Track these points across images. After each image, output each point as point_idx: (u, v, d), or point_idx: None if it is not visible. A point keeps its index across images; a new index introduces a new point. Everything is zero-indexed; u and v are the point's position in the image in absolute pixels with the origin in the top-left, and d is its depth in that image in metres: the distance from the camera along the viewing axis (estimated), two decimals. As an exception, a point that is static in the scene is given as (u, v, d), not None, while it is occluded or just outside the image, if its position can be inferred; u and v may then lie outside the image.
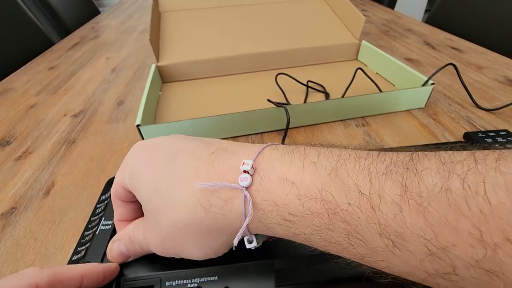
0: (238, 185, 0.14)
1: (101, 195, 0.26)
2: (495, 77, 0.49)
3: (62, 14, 0.99)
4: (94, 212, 0.24)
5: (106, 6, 1.89)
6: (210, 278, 0.18)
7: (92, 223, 0.23)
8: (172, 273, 0.18)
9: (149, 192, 0.16)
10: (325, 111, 0.38)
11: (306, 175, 0.14)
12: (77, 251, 0.21)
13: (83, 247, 0.21)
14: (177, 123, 0.34)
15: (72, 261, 0.20)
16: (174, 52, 0.51)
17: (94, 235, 0.21)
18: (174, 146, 0.17)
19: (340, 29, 0.58)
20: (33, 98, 0.50)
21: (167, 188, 0.16)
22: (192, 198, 0.15)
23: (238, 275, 0.16)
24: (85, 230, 0.22)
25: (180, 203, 0.15)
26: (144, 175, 0.17)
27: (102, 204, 0.24)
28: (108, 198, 0.24)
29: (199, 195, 0.15)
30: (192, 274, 0.18)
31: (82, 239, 0.22)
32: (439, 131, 0.37)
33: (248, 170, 0.15)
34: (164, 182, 0.16)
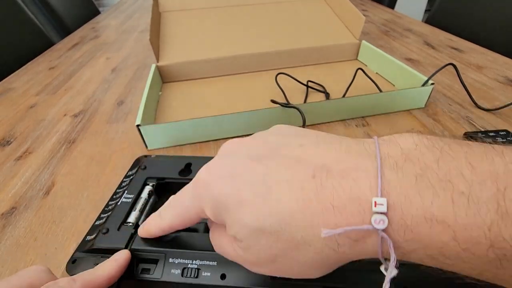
0: (371, 227, 0.12)
1: (128, 170, 0.28)
2: (495, 77, 0.49)
3: (62, 14, 0.99)
4: (120, 185, 0.26)
5: (106, 6, 1.89)
6: (209, 262, 0.19)
7: (117, 194, 0.25)
8: (176, 251, 0.19)
9: (253, 232, 0.14)
10: (325, 111, 0.38)
11: (461, 212, 0.11)
12: (100, 217, 0.23)
13: (105, 214, 0.23)
14: (177, 123, 0.34)
15: (94, 225, 0.22)
16: (174, 52, 0.51)
17: (116, 205, 0.23)
18: (258, 171, 0.15)
19: (340, 29, 0.58)
20: (33, 98, 0.50)
21: (277, 229, 0.14)
22: (315, 242, 0.13)
23: (236, 263, 0.16)
24: (110, 199, 0.25)
25: (302, 245, 0.13)
26: (239, 212, 0.14)
27: (127, 179, 0.26)
28: (134, 174, 0.26)
29: (324, 238, 0.13)
30: (194, 256, 0.19)
31: (106, 207, 0.24)
32: (439, 131, 0.37)
33: (384, 212, 0.12)
34: (270, 223, 0.14)
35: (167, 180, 0.25)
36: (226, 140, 0.39)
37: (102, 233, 0.21)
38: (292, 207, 0.13)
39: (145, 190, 0.24)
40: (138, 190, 0.24)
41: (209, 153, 0.35)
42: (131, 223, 0.22)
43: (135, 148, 0.37)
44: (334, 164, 0.14)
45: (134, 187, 0.24)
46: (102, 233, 0.21)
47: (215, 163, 0.16)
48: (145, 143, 0.36)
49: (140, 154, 0.36)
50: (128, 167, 0.34)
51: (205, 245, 0.19)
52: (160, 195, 0.25)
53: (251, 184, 0.14)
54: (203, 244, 0.20)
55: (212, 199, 0.15)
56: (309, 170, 0.14)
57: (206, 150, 0.36)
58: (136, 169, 0.26)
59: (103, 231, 0.21)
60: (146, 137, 0.35)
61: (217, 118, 0.35)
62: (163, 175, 0.25)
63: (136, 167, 0.27)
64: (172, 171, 0.26)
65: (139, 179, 0.25)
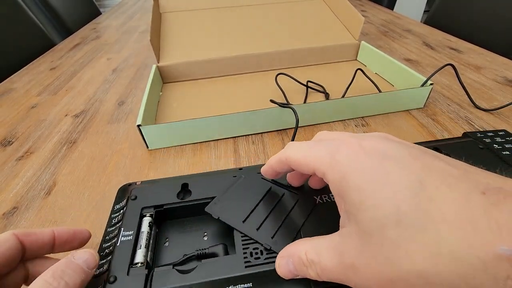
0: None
1: (114, 204, 0.24)
2: (493, 78, 0.49)
3: (63, 14, 1.00)
4: (110, 223, 0.23)
5: (107, 6, 1.89)
6: (244, 285, 0.17)
7: (110, 234, 0.22)
8: (203, 282, 0.18)
9: (385, 219, 0.13)
10: (324, 111, 0.39)
11: None
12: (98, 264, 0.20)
13: (104, 260, 0.20)
14: (178, 123, 0.35)
15: (95, 275, 0.19)
16: (175, 52, 0.52)
17: (116, 246, 0.20)
18: (416, 165, 0.13)
19: (339, 29, 0.58)
20: (34, 98, 0.50)
21: (419, 226, 0.12)
22: (473, 258, 0.11)
23: (273, 281, 0.16)
24: (103, 242, 0.21)
25: (445, 254, 0.11)
26: (375, 192, 0.13)
27: (118, 214, 0.23)
28: (124, 207, 0.23)
29: (490, 260, 0.11)
30: (225, 282, 0.18)
31: (101, 252, 0.21)
32: (438, 131, 0.37)
33: None
34: (413, 216, 0.12)
35: (165, 206, 0.23)
36: (226, 140, 0.39)
37: (110, 282, 0.18)
38: (443, 204, 0.12)
39: (145, 222, 0.22)
40: (137, 225, 0.21)
41: (209, 153, 0.35)
42: (141, 263, 0.19)
43: (135, 148, 0.37)
44: (504, 184, 0.12)
45: (130, 222, 0.21)
46: (109, 282, 0.18)
47: (371, 141, 0.15)
48: (146, 143, 0.36)
49: (140, 155, 0.36)
50: (128, 167, 0.34)
51: (232, 268, 0.18)
52: (160, 225, 0.23)
53: (404, 173, 0.13)
54: (229, 267, 0.18)
55: (350, 168, 0.14)
56: (476, 183, 0.12)
57: (206, 150, 0.36)
58: (126, 201, 0.23)
59: (110, 280, 0.18)
60: (147, 137, 0.35)
61: (217, 118, 0.35)
62: (160, 201, 0.23)
63: (124, 198, 0.24)
64: (168, 195, 0.23)
65: (133, 211, 0.22)
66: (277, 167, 0.20)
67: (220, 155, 0.35)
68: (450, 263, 0.11)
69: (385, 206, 0.13)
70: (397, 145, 0.15)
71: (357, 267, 0.14)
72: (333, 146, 0.16)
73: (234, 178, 0.24)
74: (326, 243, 0.16)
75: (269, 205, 0.22)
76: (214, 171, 0.27)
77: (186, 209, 0.23)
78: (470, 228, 0.11)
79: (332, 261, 0.15)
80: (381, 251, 0.13)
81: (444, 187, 0.12)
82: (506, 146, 0.28)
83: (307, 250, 0.16)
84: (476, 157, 0.27)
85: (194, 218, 0.24)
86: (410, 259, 0.12)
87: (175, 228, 0.23)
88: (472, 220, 0.11)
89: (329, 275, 0.15)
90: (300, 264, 0.16)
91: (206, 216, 0.24)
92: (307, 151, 0.17)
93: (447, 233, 0.11)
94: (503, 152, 0.27)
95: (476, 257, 0.11)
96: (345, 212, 0.15)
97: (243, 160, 0.34)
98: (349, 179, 0.14)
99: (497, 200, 0.11)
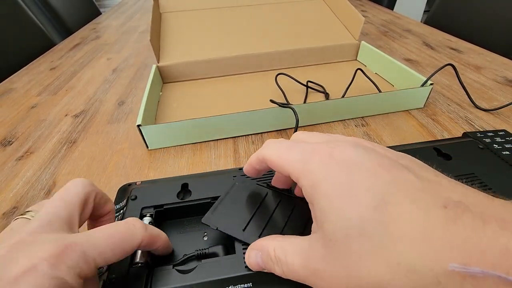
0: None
1: (114, 204, 0.24)
2: (493, 78, 0.49)
3: (63, 15, 1.00)
4: None
5: (107, 6, 1.90)
6: (244, 285, 0.17)
7: None
8: (204, 282, 0.18)
9: (348, 230, 0.13)
10: (324, 111, 0.39)
11: None
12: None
13: None
14: (178, 123, 0.35)
15: None
16: (175, 52, 0.52)
17: None
18: (382, 177, 0.14)
19: (339, 29, 0.58)
20: (34, 98, 0.50)
21: (379, 239, 0.12)
22: (428, 272, 0.11)
23: (273, 280, 0.16)
24: None
25: (403, 267, 0.12)
26: (342, 203, 0.13)
27: (118, 214, 0.23)
28: (124, 207, 0.23)
29: (443, 274, 0.11)
30: (225, 282, 0.18)
31: None
32: (438, 131, 0.37)
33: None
34: (374, 229, 0.13)
35: (165, 206, 0.23)
36: (226, 140, 0.39)
37: (110, 282, 0.18)
38: (403, 220, 0.12)
39: (145, 222, 0.22)
40: None
41: (209, 153, 0.36)
42: (141, 263, 0.19)
43: (135, 148, 0.37)
44: (469, 201, 0.12)
45: None
46: (109, 282, 0.18)
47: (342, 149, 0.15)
48: (146, 143, 0.36)
49: (140, 155, 0.36)
50: (129, 167, 0.34)
51: (232, 268, 0.18)
52: (160, 225, 0.23)
53: (366, 186, 0.14)
54: (230, 267, 0.18)
55: (319, 177, 0.15)
56: (437, 197, 0.13)
57: (206, 150, 0.36)
58: (126, 201, 0.24)
59: (110, 281, 0.18)
60: (147, 137, 0.35)
61: (217, 118, 0.35)
62: (160, 201, 0.23)
63: (124, 198, 0.24)
64: (168, 195, 0.23)
65: (133, 211, 0.22)
66: (256, 165, 0.20)
67: (220, 155, 0.35)
68: (406, 277, 0.12)
69: (350, 217, 0.13)
70: (368, 154, 0.15)
71: (321, 273, 0.14)
72: (306, 153, 0.16)
73: (227, 186, 0.23)
74: (295, 245, 0.16)
75: (267, 212, 0.21)
76: (214, 171, 0.27)
77: (186, 209, 0.23)
78: (426, 244, 0.12)
79: (297, 263, 0.15)
80: (343, 260, 0.13)
81: (406, 202, 0.13)
82: (506, 146, 0.28)
83: (275, 247, 0.16)
84: (476, 157, 0.27)
85: (194, 218, 0.24)
86: (369, 271, 0.13)
87: (175, 228, 0.23)
88: (429, 236, 0.12)
89: (294, 275, 0.15)
90: (268, 259, 0.17)
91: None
92: (283, 153, 0.17)
93: (404, 248, 0.12)
94: (503, 152, 0.27)
95: (431, 271, 0.11)
96: (315, 219, 0.15)
97: (243, 160, 0.34)
98: (319, 187, 0.15)
99: (454, 215, 0.12)
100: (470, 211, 0.12)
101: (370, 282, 0.13)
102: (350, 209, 0.13)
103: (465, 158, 0.27)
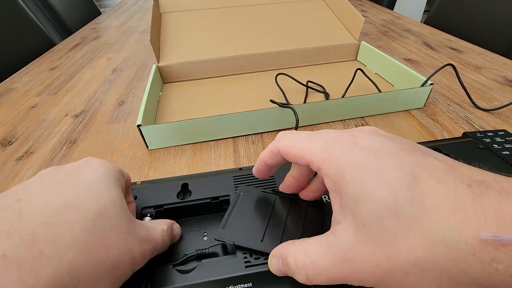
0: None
1: None
2: (493, 78, 0.49)
3: (63, 15, 1.00)
4: None
5: (107, 6, 1.90)
6: (244, 285, 0.17)
7: None
8: (203, 282, 0.18)
9: (383, 211, 0.13)
10: (324, 111, 0.39)
11: None
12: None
13: None
14: (178, 123, 0.35)
15: None
16: (175, 52, 0.52)
17: None
18: (408, 160, 0.14)
19: (339, 29, 0.58)
20: (34, 98, 0.50)
21: (415, 217, 0.13)
22: (463, 244, 0.12)
23: (274, 281, 0.16)
24: None
25: (439, 241, 0.12)
26: (373, 186, 0.14)
27: None
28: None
29: (477, 245, 0.12)
30: (225, 282, 0.18)
31: None
32: (438, 131, 0.37)
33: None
34: (409, 207, 0.13)
35: (165, 206, 0.23)
36: (226, 140, 0.39)
37: None
38: (435, 192, 0.13)
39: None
40: None
41: (209, 153, 0.36)
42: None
43: (135, 148, 0.37)
44: (493, 182, 0.13)
45: None
46: None
47: (363, 137, 0.16)
48: (146, 143, 0.36)
49: (140, 155, 0.36)
50: (129, 167, 0.34)
51: (232, 267, 0.18)
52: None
53: (396, 165, 0.14)
54: (229, 267, 0.18)
55: (345, 162, 0.15)
56: (462, 177, 0.13)
57: (206, 150, 0.36)
58: None
59: None
60: (147, 137, 0.35)
61: (217, 118, 0.35)
62: (160, 201, 0.23)
63: None
64: (168, 195, 0.23)
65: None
66: (268, 160, 0.19)
67: (220, 155, 0.35)
68: (443, 250, 0.12)
69: (383, 199, 0.13)
70: (389, 140, 0.15)
71: (354, 261, 0.14)
72: (328, 141, 0.16)
73: (232, 199, 0.23)
74: (318, 243, 0.16)
75: (281, 218, 0.21)
76: (214, 171, 0.27)
77: (186, 209, 0.23)
78: (460, 217, 0.12)
79: (326, 260, 0.15)
80: (379, 243, 0.13)
81: (434, 181, 0.13)
82: (506, 146, 0.28)
83: (295, 254, 0.16)
84: (476, 157, 0.27)
85: (194, 218, 0.24)
86: (408, 249, 0.13)
87: None
88: (461, 210, 0.12)
89: (321, 278, 0.15)
90: (287, 268, 0.16)
91: (206, 216, 0.24)
92: (302, 143, 0.17)
93: (440, 222, 0.12)
94: (503, 152, 0.27)
95: (465, 243, 0.12)
96: (340, 207, 0.15)
97: (243, 160, 0.34)
98: (346, 173, 0.14)
99: (480, 191, 0.12)
100: (494, 187, 0.12)
101: (409, 259, 0.13)
102: (382, 191, 0.13)
103: (465, 158, 0.27)
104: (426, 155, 0.14)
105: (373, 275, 0.14)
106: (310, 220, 0.20)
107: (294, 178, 0.21)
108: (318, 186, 0.21)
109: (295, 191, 0.22)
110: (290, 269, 0.16)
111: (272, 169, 0.20)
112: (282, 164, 0.20)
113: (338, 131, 0.17)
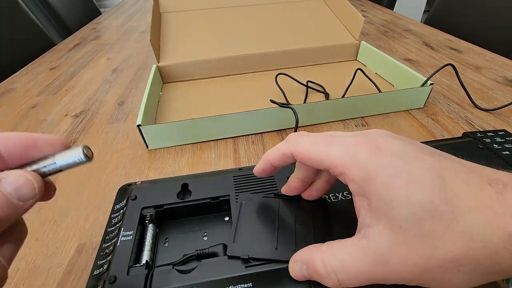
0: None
1: (114, 204, 0.24)
2: (493, 78, 0.49)
3: (63, 15, 1.00)
4: (110, 223, 0.22)
5: (107, 6, 1.90)
6: (244, 285, 0.17)
7: (110, 234, 0.21)
8: (204, 282, 0.18)
9: (420, 214, 0.13)
10: (324, 111, 0.39)
11: None
12: (98, 265, 0.20)
13: (104, 260, 0.20)
14: (178, 123, 0.35)
15: (95, 275, 0.19)
16: (175, 52, 0.52)
17: (115, 247, 0.20)
18: (432, 163, 0.15)
19: (339, 29, 0.58)
20: (34, 99, 0.50)
21: (451, 217, 0.13)
22: (496, 239, 0.13)
23: (272, 281, 0.16)
24: (102, 242, 0.21)
25: (475, 238, 0.13)
26: (407, 190, 0.14)
27: (118, 214, 0.23)
28: (124, 207, 0.23)
29: (507, 238, 0.13)
30: (226, 282, 0.17)
31: (101, 252, 0.20)
32: (438, 131, 0.37)
33: None
34: (445, 208, 0.13)
35: (165, 206, 0.23)
36: (226, 140, 0.39)
37: (109, 283, 0.18)
38: (465, 192, 0.14)
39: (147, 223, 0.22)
40: (136, 225, 0.21)
41: (209, 153, 0.35)
42: (142, 263, 0.19)
43: (135, 148, 0.37)
44: (509, 181, 0.14)
45: (130, 222, 0.21)
46: (109, 283, 0.18)
47: (384, 141, 0.16)
48: (146, 143, 0.36)
49: (140, 155, 0.36)
50: (129, 167, 0.34)
51: (232, 268, 0.18)
52: (160, 225, 0.23)
53: (424, 169, 0.14)
54: (229, 267, 0.18)
55: (376, 170, 0.15)
56: (479, 176, 0.14)
57: (206, 150, 0.36)
58: (126, 201, 0.23)
59: (110, 281, 0.18)
60: (147, 137, 0.35)
61: (217, 118, 0.35)
62: (160, 202, 0.23)
63: (124, 198, 0.24)
64: (168, 195, 0.23)
65: (133, 211, 0.22)
66: (277, 161, 0.19)
67: (220, 155, 0.35)
68: (479, 246, 0.13)
69: (419, 201, 0.14)
70: (407, 144, 0.16)
71: (391, 262, 0.14)
72: (349, 145, 0.16)
73: (233, 209, 0.22)
74: (349, 246, 0.15)
75: (289, 222, 0.21)
76: (214, 171, 0.27)
77: (186, 209, 0.23)
78: (490, 214, 0.13)
79: (361, 263, 0.15)
80: (419, 243, 0.14)
81: (460, 181, 0.14)
82: (506, 146, 0.28)
83: (324, 259, 0.16)
84: (476, 157, 0.26)
85: (194, 218, 0.24)
86: (446, 248, 0.13)
87: (175, 228, 0.23)
88: (490, 208, 0.13)
89: (355, 280, 0.15)
90: (314, 273, 0.16)
91: (206, 216, 0.24)
92: (320, 147, 0.17)
93: (474, 220, 0.13)
94: (503, 152, 0.27)
95: (498, 237, 0.13)
96: (370, 211, 0.15)
97: (243, 160, 0.34)
98: (376, 179, 0.15)
99: (500, 189, 0.13)
100: (509, 185, 0.13)
101: (448, 258, 0.13)
102: (417, 195, 0.14)
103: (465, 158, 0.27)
104: (445, 158, 0.15)
105: (411, 273, 0.14)
106: (318, 220, 0.20)
107: (300, 180, 0.21)
108: (323, 185, 0.21)
109: (300, 193, 0.22)
110: (318, 274, 0.16)
111: (276, 169, 0.20)
112: (285, 165, 0.19)
113: (354, 134, 0.17)
